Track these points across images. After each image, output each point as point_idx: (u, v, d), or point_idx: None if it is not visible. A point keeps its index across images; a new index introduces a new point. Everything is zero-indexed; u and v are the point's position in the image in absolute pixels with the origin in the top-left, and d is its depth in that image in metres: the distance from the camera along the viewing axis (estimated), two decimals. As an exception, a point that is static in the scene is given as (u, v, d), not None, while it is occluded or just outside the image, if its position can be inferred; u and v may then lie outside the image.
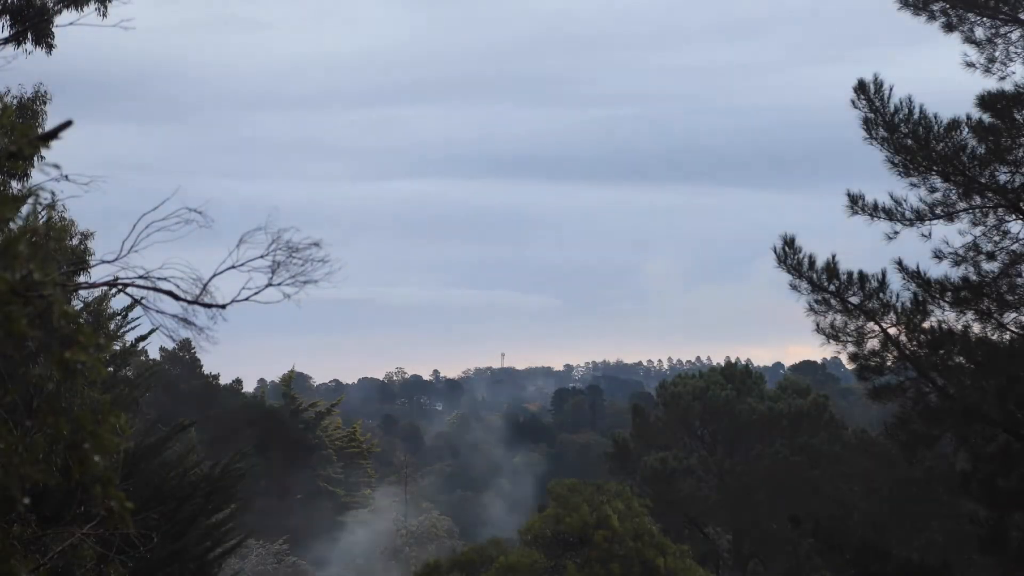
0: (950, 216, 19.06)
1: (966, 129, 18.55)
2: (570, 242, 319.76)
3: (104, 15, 16.94)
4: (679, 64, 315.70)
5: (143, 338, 24.73)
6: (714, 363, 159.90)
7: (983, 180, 18.72)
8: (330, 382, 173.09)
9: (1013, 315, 19.17)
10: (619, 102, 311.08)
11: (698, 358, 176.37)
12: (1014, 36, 19.06)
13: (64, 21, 17.00)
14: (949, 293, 19.06)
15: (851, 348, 19.77)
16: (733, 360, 71.73)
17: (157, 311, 18.78)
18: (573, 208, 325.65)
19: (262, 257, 19.30)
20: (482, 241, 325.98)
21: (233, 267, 19.60)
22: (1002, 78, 18.99)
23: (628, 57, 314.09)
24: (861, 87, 18.89)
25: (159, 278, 18.38)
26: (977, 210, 18.96)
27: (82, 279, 19.30)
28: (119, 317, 23.28)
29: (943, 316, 19.28)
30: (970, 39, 19.24)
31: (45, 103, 17.43)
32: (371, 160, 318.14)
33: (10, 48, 16.70)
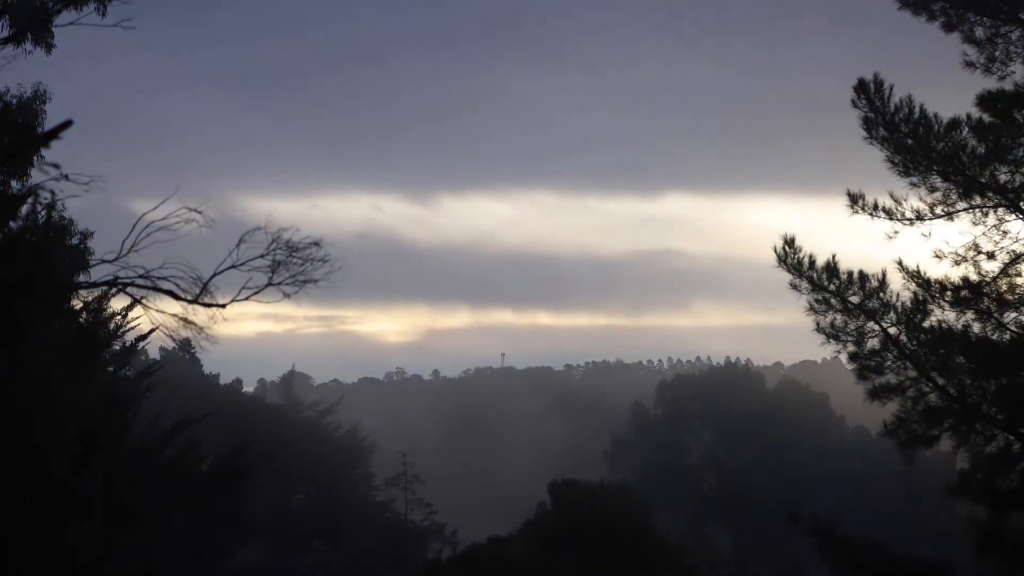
0: (950, 216, 19.05)
1: (966, 129, 18.54)
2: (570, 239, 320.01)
3: (104, 15, 16.95)
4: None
5: (143, 338, 24.68)
6: (714, 363, 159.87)
7: (983, 180, 18.71)
8: (330, 382, 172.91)
9: (1013, 315, 19.16)
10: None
11: (698, 358, 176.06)
12: (1014, 36, 19.05)
13: (64, 21, 17.02)
14: (949, 293, 19.05)
15: (851, 348, 19.77)
16: (733, 360, 71.90)
17: (157, 311, 18.57)
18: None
19: (262, 257, 19.18)
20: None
21: (233, 267, 19.61)
22: (1002, 78, 18.99)
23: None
24: (861, 86, 18.87)
25: (159, 278, 18.27)
26: (977, 210, 18.95)
27: (82, 278, 19.34)
28: (119, 317, 23.25)
29: (943, 316, 19.28)
30: (970, 39, 19.23)
31: (45, 103, 17.43)
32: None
33: (10, 48, 16.70)
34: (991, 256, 18.96)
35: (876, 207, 19.26)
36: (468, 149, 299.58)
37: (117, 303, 21.41)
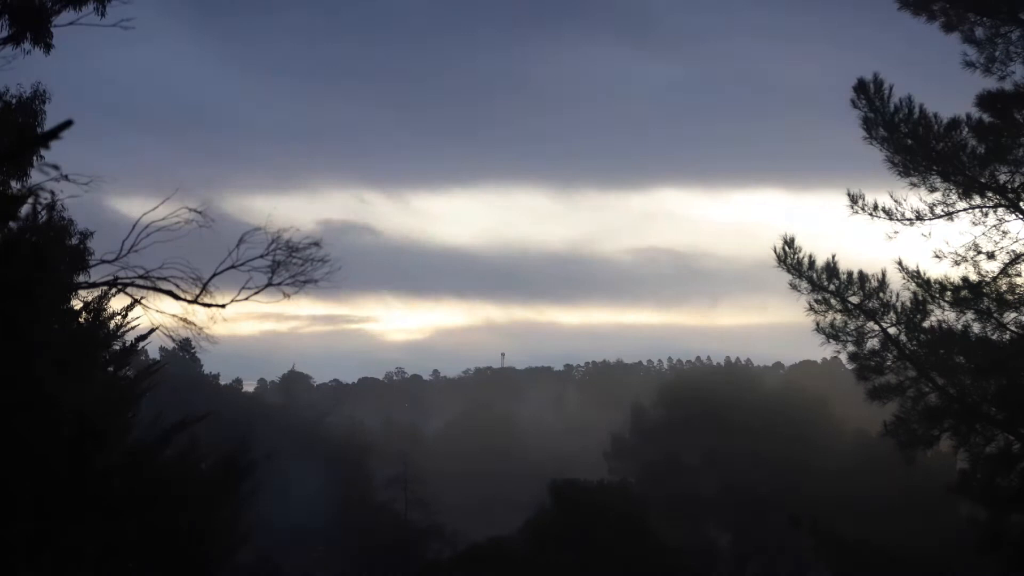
0: (950, 216, 19.06)
1: (966, 129, 18.55)
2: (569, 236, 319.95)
3: (103, 15, 16.97)
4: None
5: (143, 338, 24.64)
6: (714, 363, 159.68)
7: (983, 180, 18.72)
8: (330, 382, 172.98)
9: (1013, 315, 19.17)
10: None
11: (698, 358, 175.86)
12: (1014, 36, 19.06)
13: (63, 21, 17.04)
14: (949, 293, 19.06)
15: (851, 348, 19.79)
16: (733, 360, 71.97)
17: (157, 311, 18.59)
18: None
19: (262, 257, 19.21)
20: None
21: (233, 267, 19.66)
22: (1002, 78, 18.99)
23: None
24: (861, 87, 18.89)
25: (159, 278, 18.35)
26: (977, 210, 18.96)
27: (82, 279, 19.34)
28: (119, 317, 23.23)
29: (943, 316, 19.29)
30: (970, 39, 19.24)
31: (44, 102, 17.42)
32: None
33: (10, 48, 16.71)
34: (991, 256, 18.96)
35: (876, 207, 19.28)
36: (463, 144, 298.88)
37: (117, 303, 21.40)
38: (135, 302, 19.60)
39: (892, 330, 19.46)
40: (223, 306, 19.04)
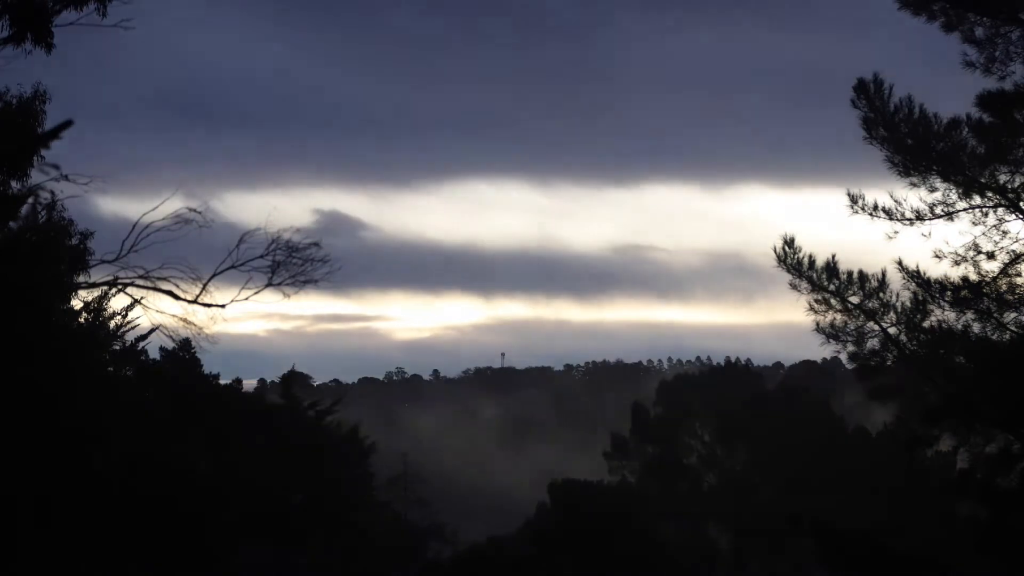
0: (950, 216, 19.06)
1: (966, 129, 18.55)
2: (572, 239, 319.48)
3: (104, 15, 16.95)
4: None
5: (143, 338, 24.65)
6: (714, 363, 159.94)
7: (983, 180, 18.73)
8: (330, 382, 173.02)
9: (1013, 315, 19.17)
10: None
11: (698, 358, 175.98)
12: (1014, 36, 19.04)
13: (64, 21, 17.01)
14: (949, 293, 19.06)
15: (851, 348, 19.80)
16: (733, 360, 71.97)
17: (157, 311, 18.60)
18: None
19: (262, 257, 19.20)
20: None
21: (233, 267, 19.63)
22: (1002, 78, 18.98)
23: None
24: (861, 86, 18.89)
25: (159, 278, 18.32)
26: (977, 210, 18.96)
27: (81, 279, 19.33)
28: (119, 317, 23.23)
29: (943, 316, 19.30)
30: (970, 39, 19.22)
31: (44, 103, 17.41)
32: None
33: (10, 48, 16.70)
34: (991, 256, 18.95)
35: (876, 207, 19.28)
36: (464, 139, 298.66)
37: (117, 303, 21.40)
38: (135, 302, 19.59)
39: (892, 330, 19.46)
40: (223, 306, 19.03)
